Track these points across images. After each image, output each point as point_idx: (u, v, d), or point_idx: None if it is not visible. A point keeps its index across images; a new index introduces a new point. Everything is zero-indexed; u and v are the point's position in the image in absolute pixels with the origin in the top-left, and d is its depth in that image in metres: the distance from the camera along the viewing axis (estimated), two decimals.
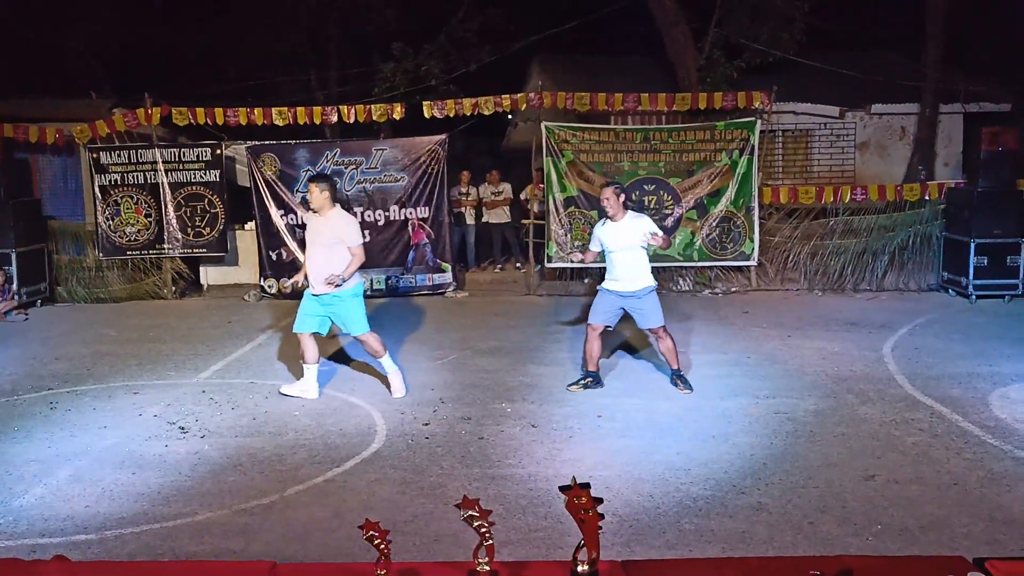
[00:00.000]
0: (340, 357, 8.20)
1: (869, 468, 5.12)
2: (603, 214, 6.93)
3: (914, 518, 4.42)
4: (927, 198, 11.34)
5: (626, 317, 6.94)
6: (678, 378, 6.88)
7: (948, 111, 13.54)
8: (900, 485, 4.86)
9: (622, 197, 6.76)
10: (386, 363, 6.91)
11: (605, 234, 6.80)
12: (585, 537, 2.32)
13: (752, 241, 11.47)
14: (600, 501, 2.29)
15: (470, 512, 2.35)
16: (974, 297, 10.31)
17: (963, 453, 5.33)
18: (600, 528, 2.31)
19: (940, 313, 9.73)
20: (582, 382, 6.90)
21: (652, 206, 11.46)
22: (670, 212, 11.48)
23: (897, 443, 5.54)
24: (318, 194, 6.73)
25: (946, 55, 13.16)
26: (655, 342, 7.09)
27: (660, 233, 6.68)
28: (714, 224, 11.47)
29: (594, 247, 6.96)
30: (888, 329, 8.88)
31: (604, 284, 6.92)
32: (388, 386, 6.86)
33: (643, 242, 6.59)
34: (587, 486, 2.27)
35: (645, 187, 11.47)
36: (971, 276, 10.34)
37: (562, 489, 2.30)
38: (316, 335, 6.88)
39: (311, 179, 7.18)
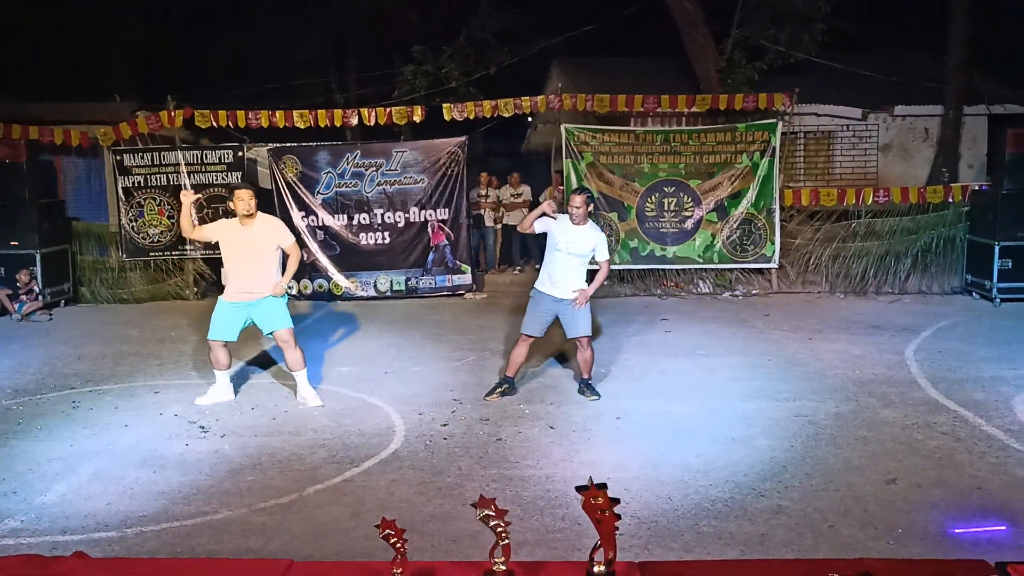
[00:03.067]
0: (360, 359, 8.23)
1: (891, 471, 5.07)
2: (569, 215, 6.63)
3: (936, 522, 4.37)
4: (951, 200, 11.22)
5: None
6: (586, 386, 6.77)
7: (972, 112, 13.38)
8: (922, 489, 4.81)
9: (591, 206, 6.69)
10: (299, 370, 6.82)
11: (562, 233, 6.56)
12: (601, 537, 2.32)
13: (773, 243, 11.40)
14: (616, 501, 2.28)
15: (486, 511, 2.35)
16: (998, 300, 10.19)
17: (986, 457, 5.27)
18: (617, 529, 2.31)
19: (963, 316, 9.63)
20: (499, 389, 6.77)
21: (672, 208, 11.43)
22: (690, 214, 11.44)
23: (919, 447, 5.48)
24: (249, 200, 6.44)
25: (969, 56, 13.03)
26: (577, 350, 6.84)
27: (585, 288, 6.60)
28: (735, 226, 11.41)
29: (540, 228, 6.62)
30: (911, 332, 8.80)
31: (538, 287, 6.72)
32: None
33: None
34: (604, 486, 2.27)
35: (665, 189, 11.44)
36: (995, 279, 10.22)
37: (579, 489, 2.29)
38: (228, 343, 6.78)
39: (241, 186, 6.64)
